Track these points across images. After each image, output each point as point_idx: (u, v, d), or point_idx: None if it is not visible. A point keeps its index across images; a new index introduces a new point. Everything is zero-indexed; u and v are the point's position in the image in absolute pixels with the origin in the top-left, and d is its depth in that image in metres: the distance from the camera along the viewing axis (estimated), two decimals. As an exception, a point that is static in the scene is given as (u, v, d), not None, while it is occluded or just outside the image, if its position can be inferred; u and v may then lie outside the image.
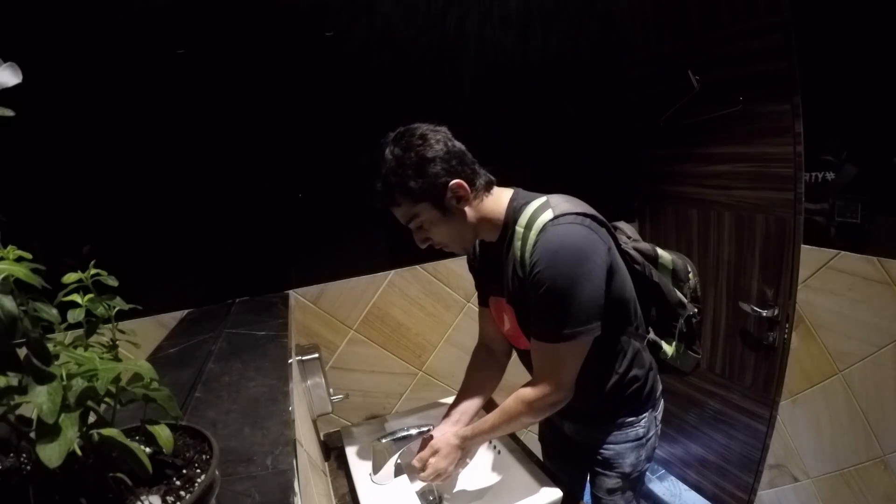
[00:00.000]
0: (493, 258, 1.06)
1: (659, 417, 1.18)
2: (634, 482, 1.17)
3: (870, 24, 1.23)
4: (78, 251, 0.53)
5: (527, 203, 0.98)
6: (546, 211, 0.93)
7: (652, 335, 1.15)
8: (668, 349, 1.16)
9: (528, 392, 1.01)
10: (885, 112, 1.24)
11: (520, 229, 0.96)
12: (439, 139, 0.96)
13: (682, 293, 1.15)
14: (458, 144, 1.00)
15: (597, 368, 1.04)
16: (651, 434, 1.14)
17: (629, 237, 1.13)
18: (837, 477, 1.52)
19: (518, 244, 0.96)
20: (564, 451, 1.28)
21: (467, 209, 0.99)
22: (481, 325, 1.27)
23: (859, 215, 1.33)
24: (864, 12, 1.24)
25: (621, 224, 1.17)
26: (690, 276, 1.16)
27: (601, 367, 1.06)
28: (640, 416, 1.12)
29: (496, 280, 1.09)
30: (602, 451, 1.14)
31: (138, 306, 0.52)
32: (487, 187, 1.01)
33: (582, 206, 0.97)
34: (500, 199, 1.02)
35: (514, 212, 1.00)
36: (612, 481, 1.15)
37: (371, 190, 0.97)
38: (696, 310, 1.18)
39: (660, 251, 1.14)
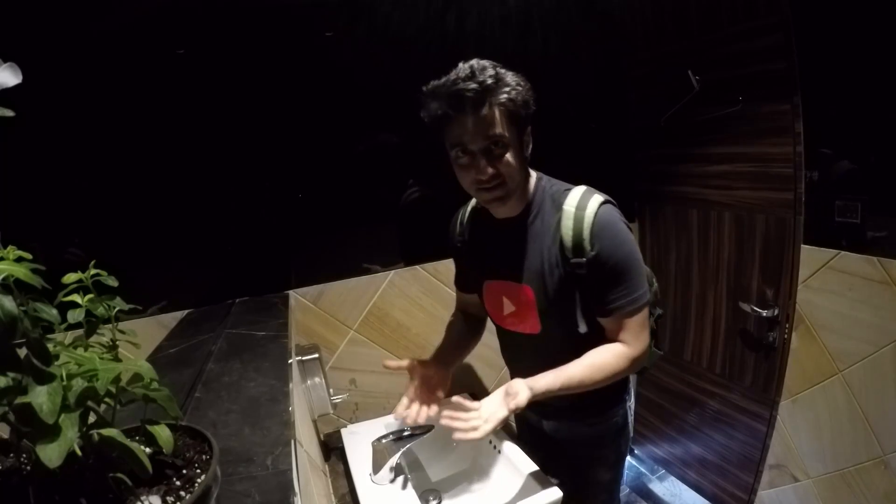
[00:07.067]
0: (506, 238, 1.05)
1: (633, 406, 1.21)
2: (619, 471, 1.22)
3: (870, 23, 1.23)
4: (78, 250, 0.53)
5: (567, 188, 1.03)
6: (594, 195, 0.99)
7: None
8: None
9: (627, 350, 1.01)
10: (886, 111, 1.23)
11: (570, 209, 0.98)
12: None
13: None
14: None
15: None
16: (630, 421, 1.20)
17: None
18: (837, 477, 1.52)
19: (570, 223, 0.98)
20: (542, 450, 1.27)
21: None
22: (461, 303, 1.29)
23: (859, 215, 1.33)
24: (863, 12, 1.24)
25: None
26: (653, 280, 1.20)
27: None
28: (620, 405, 1.16)
29: (505, 262, 1.06)
30: (587, 444, 1.17)
31: (138, 306, 0.52)
32: None
33: None
34: (531, 175, 1.05)
35: (545, 191, 1.04)
36: (598, 473, 1.19)
37: (508, 95, 0.94)
38: (660, 311, 1.24)
39: None
